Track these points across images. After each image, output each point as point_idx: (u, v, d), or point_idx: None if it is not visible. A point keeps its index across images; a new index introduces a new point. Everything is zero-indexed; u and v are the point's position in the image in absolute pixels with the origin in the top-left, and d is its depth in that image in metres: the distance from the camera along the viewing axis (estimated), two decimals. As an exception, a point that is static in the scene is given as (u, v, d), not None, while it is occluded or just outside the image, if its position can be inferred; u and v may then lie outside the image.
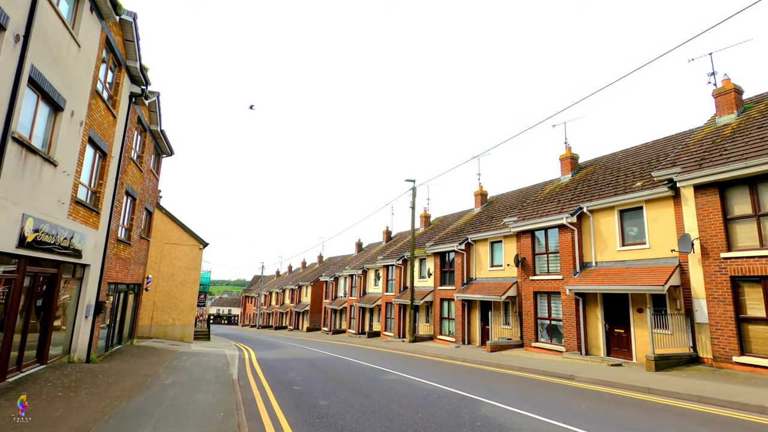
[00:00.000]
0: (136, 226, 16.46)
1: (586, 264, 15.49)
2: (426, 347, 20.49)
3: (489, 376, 11.64)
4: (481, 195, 26.56)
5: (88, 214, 11.24)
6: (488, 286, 19.90)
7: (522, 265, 17.70)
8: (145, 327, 22.91)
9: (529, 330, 17.13)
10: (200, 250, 25.15)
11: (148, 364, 12.82)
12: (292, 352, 19.26)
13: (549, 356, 15.23)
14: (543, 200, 18.91)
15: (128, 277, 16.01)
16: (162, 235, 24.11)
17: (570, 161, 20.23)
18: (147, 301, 23.02)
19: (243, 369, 13.24)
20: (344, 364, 14.50)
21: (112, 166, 12.75)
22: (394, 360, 15.72)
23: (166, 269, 23.92)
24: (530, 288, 17.28)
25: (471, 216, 25.93)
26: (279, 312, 57.31)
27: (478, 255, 21.54)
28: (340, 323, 38.95)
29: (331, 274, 42.53)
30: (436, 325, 23.56)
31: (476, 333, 20.89)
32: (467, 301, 21.35)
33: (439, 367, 13.63)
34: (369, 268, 33.67)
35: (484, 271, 21.05)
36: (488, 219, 22.93)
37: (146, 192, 17.74)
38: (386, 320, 29.53)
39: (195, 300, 24.59)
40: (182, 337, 23.70)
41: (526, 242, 17.78)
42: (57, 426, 5.76)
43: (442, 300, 23.47)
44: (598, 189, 16.28)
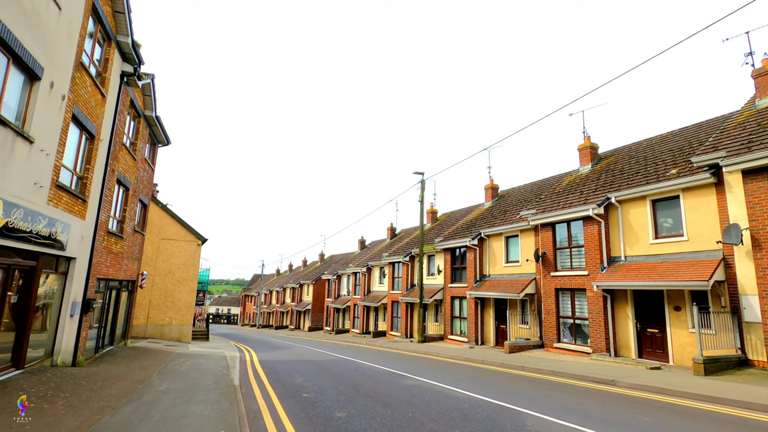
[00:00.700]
0: (129, 219, 15.33)
1: (615, 258, 14.39)
2: (437, 348, 19.38)
3: (518, 381, 10.53)
4: (492, 189, 25.45)
5: (73, 202, 10.11)
6: (504, 283, 18.79)
7: (542, 261, 16.59)
8: (141, 327, 21.77)
9: (550, 329, 16.02)
10: (198, 246, 24.01)
11: (140, 367, 11.70)
12: (296, 354, 18.14)
13: (575, 358, 14.13)
14: (562, 192, 17.80)
15: (121, 273, 14.88)
16: (158, 230, 22.97)
17: (589, 151, 19.13)
18: (142, 299, 21.88)
19: (245, 373, 12.12)
20: (354, 366, 13.39)
21: (101, 151, 11.61)
22: (407, 362, 14.61)
23: (163, 266, 22.78)
24: (551, 284, 16.17)
25: (482, 210, 24.82)
26: (280, 311, 56.16)
27: (492, 250, 20.43)
28: (343, 322, 37.82)
29: (333, 272, 41.39)
30: (447, 325, 22.45)
31: (490, 333, 19.79)
32: (480, 299, 20.24)
33: (458, 371, 12.52)
34: (374, 265, 32.54)
35: (498, 267, 19.94)
36: (501, 213, 21.81)
37: (140, 182, 16.60)
38: (392, 319, 28.41)
39: (193, 298, 23.45)
40: (180, 337, 22.57)
41: (547, 236, 16.67)
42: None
43: (452, 298, 22.35)
44: (626, 178, 15.17)
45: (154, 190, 26.54)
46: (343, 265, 41.62)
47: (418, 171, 23.80)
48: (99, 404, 6.87)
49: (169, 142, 19.35)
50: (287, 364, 14.05)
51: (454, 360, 15.39)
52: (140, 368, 11.51)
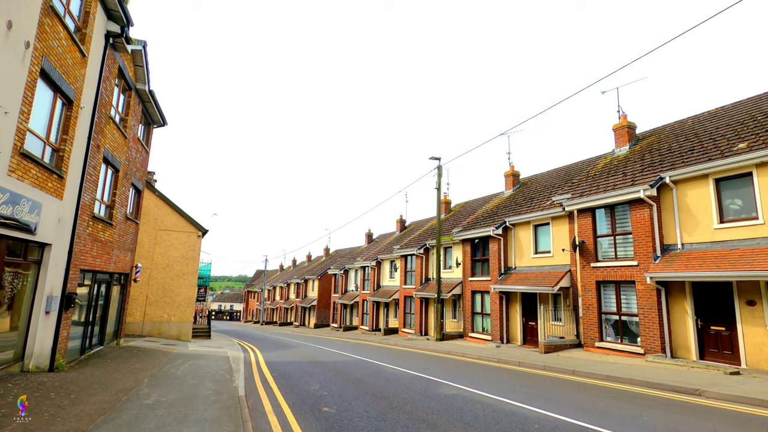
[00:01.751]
0: (119, 204, 13.69)
1: (669, 246, 12.67)
2: (459, 347, 17.73)
3: (579, 390, 8.86)
4: (513, 176, 23.70)
5: (46, 177, 8.46)
6: (533, 276, 17.09)
7: (580, 250, 14.88)
8: (137, 324, 20.19)
9: (590, 327, 14.33)
10: (199, 237, 22.38)
11: (130, 371, 10.08)
12: (305, 354, 16.52)
13: (625, 359, 12.45)
14: (600, 175, 16.06)
15: (110, 265, 13.26)
16: (155, 220, 21.35)
17: (626, 131, 17.36)
18: (138, 294, 20.29)
19: (250, 378, 10.49)
20: (375, 370, 11.74)
21: (81, 120, 9.95)
22: (432, 364, 12.96)
23: (161, 259, 21.17)
24: (591, 277, 14.47)
25: (502, 199, 23.09)
26: (284, 307, 54.65)
27: (519, 240, 18.72)
28: (351, 319, 36.23)
29: (340, 266, 39.76)
30: (467, 322, 20.79)
31: (516, 330, 18.12)
32: (505, 294, 18.56)
33: (497, 375, 10.86)
34: (384, 258, 30.88)
35: (526, 258, 18.24)
36: (527, 200, 20.09)
37: (133, 164, 14.94)
38: (405, 316, 26.76)
39: (193, 294, 21.85)
40: (179, 335, 20.99)
41: (585, 223, 14.95)
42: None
43: (473, 293, 20.68)
44: (678, 157, 13.43)
45: (151, 178, 24.91)
46: (349, 260, 39.98)
47: (434, 156, 22.10)
48: (62, 428, 5.24)
49: (165, 123, 17.68)
50: (298, 367, 12.42)
51: (484, 361, 13.74)
52: (129, 373, 9.90)
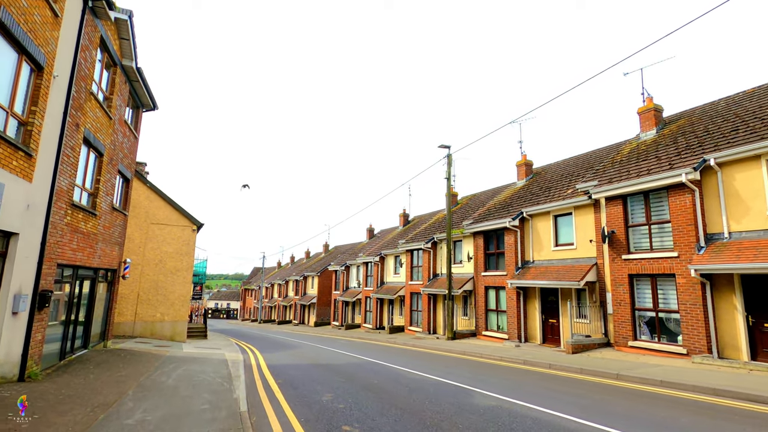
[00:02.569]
0: (104, 192, 12.35)
1: (714, 236, 11.49)
2: (474, 346, 16.53)
3: (638, 399, 7.65)
4: (526, 165, 22.48)
5: (9, 153, 7.14)
6: (554, 270, 15.90)
7: (609, 241, 13.69)
8: (128, 324, 18.87)
9: (622, 325, 13.16)
10: (194, 232, 21.04)
11: (114, 380, 8.79)
12: (310, 355, 15.26)
13: (665, 360, 11.28)
14: (628, 160, 14.85)
15: (95, 260, 11.94)
16: (147, 213, 19.99)
17: (653, 113, 16.17)
18: (129, 292, 18.95)
19: (252, 385, 9.23)
20: (392, 375, 10.49)
21: (55, 92, 8.61)
22: (453, 367, 11.74)
23: (153, 254, 19.83)
24: (623, 270, 13.28)
25: (515, 190, 21.88)
26: (282, 305, 53.34)
27: (537, 232, 17.51)
28: (353, 317, 34.99)
29: (341, 262, 38.48)
30: (480, 319, 19.60)
31: (535, 328, 16.93)
32: (523, 289, 17.36)
33: (530, 379, 9.65)
34: (388, 254, 29.63)
35: (545, 251, 17.04)
36: (543, 190, 18.87)
37: (119, 150, 13.59)
38: (412, 313, 25.54)
39: (188, 291, 20.53)
40: (173, 335, 19.68)
41: (615, 211, 13.74)
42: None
43: (486, 288, 19.48)
44: (722, 137, 12.23)
45: (143, 169, 23.54)
46: (351, 256, 38.71)
47: (443, 144, 20.83)
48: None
49: (156, 107, 16.31)
50: (304, 371, 11.15)
51: (509, 363, 12.53)
52: (113, 382, 8.61)
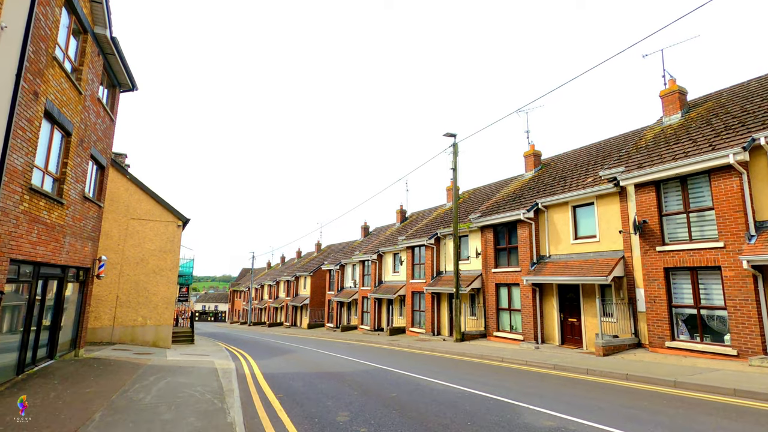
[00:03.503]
0: (73, 178, 10.70)
1: (765, 223, 10.32)
2: (488, 348, 15.20)
3: (724, 415, 6.36)
4: (534, 156, 21.28)
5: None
6: (575, 265, 14.66)
7: (641, 232, 12.47)
8: (105, 329, 17.11)
9: (657, 324, 11.94)
10: (178, 228, 19.35)
11: (80, 398, 7.21)
12: (309, 361, 13.75)
13: (713, 363, 10.07)
14: (655, 145, 13.68)
15: (62, 256, 10.28)
16: (127, 207, 18.25)
17: (678, 96, 15.06)
18: (107, 294, 17.21)
19: (249, 402, 7.72)
20: (410, 384, 9.06)
21: (2, 45, 7.01)
22: (476, 374, 10.37)
23: (133, 252, 18.10)
24: (657, 263, 12.07)
25: (523, 181, 20.66)
26: (273, 307, 51.51)
27: (553, 225, 16.26)
28: (349, 318, 33.45)
29: (335, 261, 36.91)
30: (490, 319, 18.28)
31: (553, 328, 15.68)
32: (539, 286, 16.10)
33: (577, 390, 8.31)
34: (386, 251, 28.19)
35: (563, 245, 15.79)
36: (557, 180, 17.66)
37: (93, 131, 11.93)
38: (413, 314, 24.14)
39: (173, 293, 18.83)
40: (156, 340, 17.97)
41: (647, 199, 12.53)
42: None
43: (497, 286, 18.18)
44: (764, 116, 11.09)
45: (123, 161, 21.74)
46: (345, 254, 37.17)
47: (449, 132, 19.49)
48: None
49: (135, 87, 14.65)
50: (307, 382, 9.66)
51: (537, 368, 11.20)
52: (80, 400, 7.04)
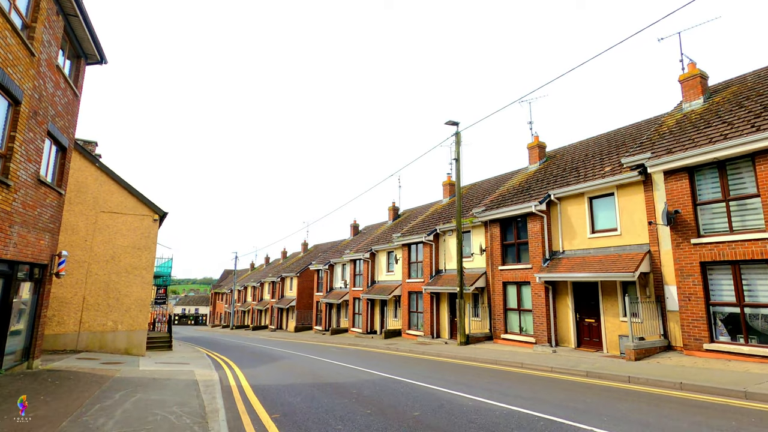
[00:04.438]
0: (24, 157, 8.95)
1: (820, 211, 9.28)
2: (500, 353, 13.91)
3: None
4: (539, 147, 20.17)
5: None
6: (594, 261, 13.49)
7: (673, 223, 11.35)
8: (70, 336, 15.19)
9: (693, 324, 10.81)
10: (155, 222, 17.53)
11: (16, 428, 5.56)
12: (304, 369, 12.18)
13: (764, 368, 8.94)
14: (680, 130, 12.62)
15: (7, 249, 8.53)
16: (95, 199, 16.37)
17: (699, 81, 14.09)
18: (72, 296, 15.30)
19: (238, 425, 6.16)
20: (436, 401, 7.62)
21: None
22: (506, 384, 9.01)
23: (103, 249, 16.21)
24: (692, 257, 10.95)
25: (528, 174, 19.52)
26: (257, 309, 49.42)
27: (567, 218, 15.09)
28: (339, 321, 31.84)
29: (324, 261, 35.25)
30: (497, 320, 17.01)
31: (568, 330, 14.49)
32: (552, 284, 14.90)
33: (631, 402, 7.00)
34: (379, 249, 26.72)
35: (579, 239, 14.62)
36: (568, 171, 16.52)
37: (50, 104, 10.16)
38: (410, 315, 22.73)
39: (148, 294, 16.98)
40: (129, 348, 16.11)
41: (679, 187, 11.42)
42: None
43: (505, 285, 16.92)
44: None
45: (93, 149, 19.78)
46: (334, 254, 35.56)
47: (451, 120, 18.19)
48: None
49: (103, 59, 12.89)
50: (306, 396, 8.11)
51: (566, 376, 9.91)
52: (16, 430, 5.39)
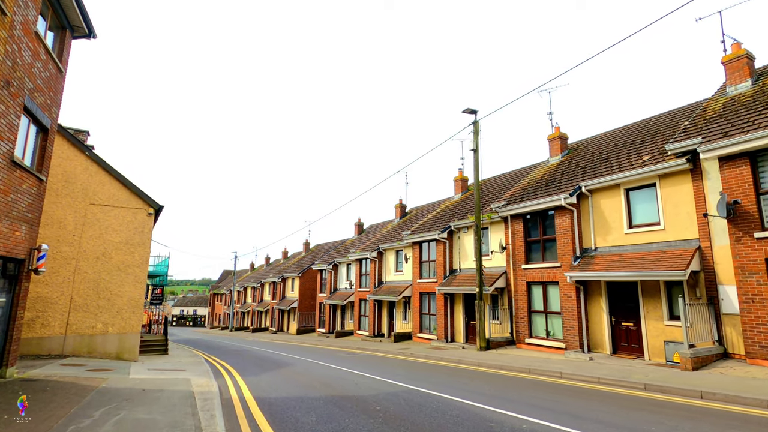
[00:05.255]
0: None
1: None
2: (526, 359, 12.61)
3: None
4: (560, 139, 18.92)
5: None
6: (633, 259, 12.22)
7: (733, 215, 10.08)
8: (55, 339, 13.88)
9: (758, 330, 9.52)
10: (150, 216, 16.22)
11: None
12: (317, 379, 10.85)
13: None
14: (730, 113, 11.36)
15: (-30, 239, 7.22)
16: (85, 190, 15.08)
17: (745, 61, 12.87)
18: (58, 296, 13.99)
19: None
20: (481, 423, 6.30)
21: None
22: (551, 398, 7.70)
23: (93, 245, 14.91)
24: (756, 253, 9.68)
25: (550, 167, 18.26)
26: (257, 310, 48.05)
27: (600, 212, 13.81)
28: (344, 323, 30.50)
29: (327, 261, 33.93)
30: (521, 324, 15.70)
31: (602, 333, 13.20)
32: (584, 284, 13.63)
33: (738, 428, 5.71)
34: (387, 248, 25.42)
35: (615, 235, 13.34)
36: (598, 162, 15.26)
37: (27, 74, 8.87)
38: (422, 317, 21.42)
39: (141, 294, 15.67)
40: (120, 352, 14.79)
41: (737, 175, 10.15)
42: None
43: (529, 285, 15.62)
44: None
45: (85, 138, 18.49)
46: (338, 253, 34.24)
47: (469, 108, 16.91)
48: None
49: (92, 33, 11.61)
50: (321, 414, 6.78)
51: (619, 389, 8.60)
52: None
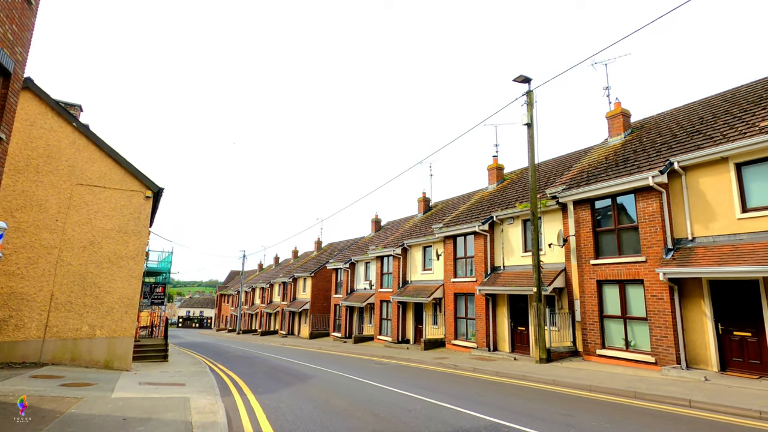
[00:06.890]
0: None
1: None
2: (610, 376, 9.95)
3: None
4: (623, 115, 16.28)
5: None
6: (756, 250, 9.53)
7: None
8: (32, 343, 11.48)
9: None
10: (147, 199, 13.82)
11: None
12: (355, 403, 8.29)
13: None
14: None
15: None
16: (71, 167, 12.73)
17: None
18: (35, 291, 11.62)
19: None
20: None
21: None
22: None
23: (79, 232, 12.54)
24: None
25: (612, 147, 15.62)
26: (266, 312, 45.63)
27: (699, 193, 11.14)
28: (362, 327, 27.91)
29: (343, 259, 31.40)
30: (590, 332, 13.02)
31: (705, 346, 10.50)
32: (679, 283, 10.95)
33: None
34: (414, 244, 22.81)
35: (721, 222, 10.65)
36: (686, 135, 12.60)
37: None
38: (456, 322, 18.77)
39: (135, 290, 13.23)
40: (109, 359, 12.36)
41: None
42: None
43: (600, 284, 12.95)
44: None
45: (77, 113, 16.15)
46: (355, 251, 31.72)
47: (522, 76, 14.31)
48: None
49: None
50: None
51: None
52: None
